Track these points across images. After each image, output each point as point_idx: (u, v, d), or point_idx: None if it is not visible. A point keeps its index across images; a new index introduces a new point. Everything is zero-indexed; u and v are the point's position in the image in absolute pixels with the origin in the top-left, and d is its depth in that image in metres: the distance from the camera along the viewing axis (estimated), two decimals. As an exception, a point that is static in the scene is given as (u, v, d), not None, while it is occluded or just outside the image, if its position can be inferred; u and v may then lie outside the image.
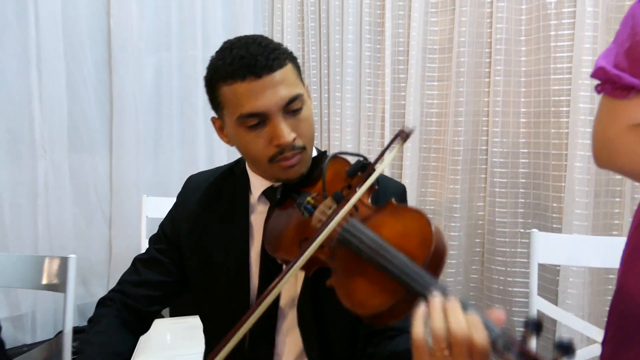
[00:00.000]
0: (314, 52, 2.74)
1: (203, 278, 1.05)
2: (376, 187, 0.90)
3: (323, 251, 0.84)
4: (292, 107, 0.92)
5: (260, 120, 0.91)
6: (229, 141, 1.00)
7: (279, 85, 0.90)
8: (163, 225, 1.12)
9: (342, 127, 2.65)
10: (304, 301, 0.99)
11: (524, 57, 2.12)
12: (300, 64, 2.72)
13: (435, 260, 0.76)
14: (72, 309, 1.22)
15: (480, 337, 0.65)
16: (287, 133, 0.91)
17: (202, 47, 2.69)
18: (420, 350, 0.68)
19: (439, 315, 0.67)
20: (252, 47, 0.91)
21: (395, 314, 0.76)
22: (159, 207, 2.18)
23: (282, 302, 1.01)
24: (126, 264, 1.13)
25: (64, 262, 1.24)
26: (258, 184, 1.03)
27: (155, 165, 2.66)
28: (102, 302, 1.07)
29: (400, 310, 0.75)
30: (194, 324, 2.02)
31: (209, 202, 1.07)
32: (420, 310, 0.69)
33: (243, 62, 0.89)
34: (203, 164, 2.73)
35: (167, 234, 1.10)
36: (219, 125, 1.01)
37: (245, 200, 1.04)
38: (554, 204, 2.04)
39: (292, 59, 0.95)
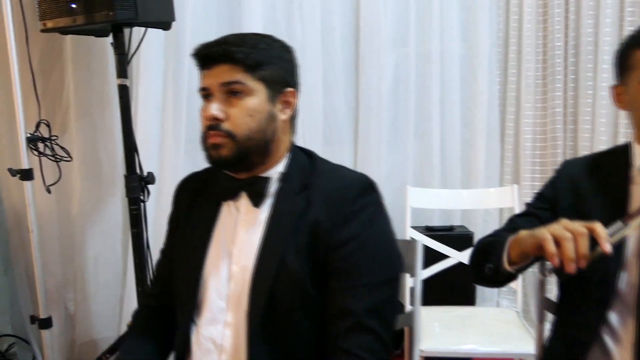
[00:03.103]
0: (558, 39, 2.60)
1: None
2: None
3: None
4: None
5: None
6: (625, 106, 1.15)
7: None
8: (543, 189, 1.27)
9: (593, 119, 2.48)
10: None
11: None
12: (542, 53, 2.63)
13: None
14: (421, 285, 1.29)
15: None
16: None
17: (438, 41, 2.70)
18: None
19: None
20: None
21: None
22: (420, 197, 2.24)
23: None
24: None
25: (413, 244, 1.31)
26: None
27: (393, 157, 2.73)
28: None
29: None
30: (463, 313, 2.08)
31: (589, 174, 1.20)
32: None
33: None
34: (437, 157, 2.74)
35: (546, 195, 1.24)
36: (619, 91, 1.16)
37: (625, 173, 1.15)
38: None
39: None
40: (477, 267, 1.19)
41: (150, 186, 1.87)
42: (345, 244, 0.97)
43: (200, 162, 2.36)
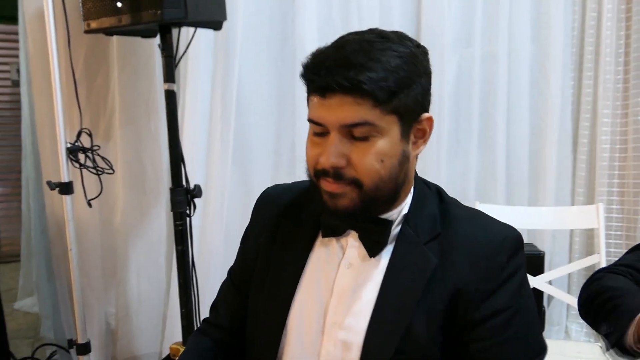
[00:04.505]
0: (645, 39, 2.33)
1: None
2: None
3: None
4: None
5: None
6: None
7: None
8: None
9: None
10: None
11: None
12: (624, 54, 2.37)
13: None
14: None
15: None
16: None
17: (506, 41, 2.47)
18: None
19: None
20: None
21: None
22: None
23: None
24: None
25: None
26: None
27: (453, 167, 2.52)
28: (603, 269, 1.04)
29: None
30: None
31: None
32: None
33: None
34: (502, 168, 2.52)
35: None
36: None
37: None
38: None
39: None
40: (589, 311, 1.00)
41: (196, 199, 1.73)
42: (490, 319, 0.77)
43: (249, 174, 2.20)
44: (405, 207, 0.84)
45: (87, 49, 1.94)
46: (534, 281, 1.88)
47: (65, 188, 1.60)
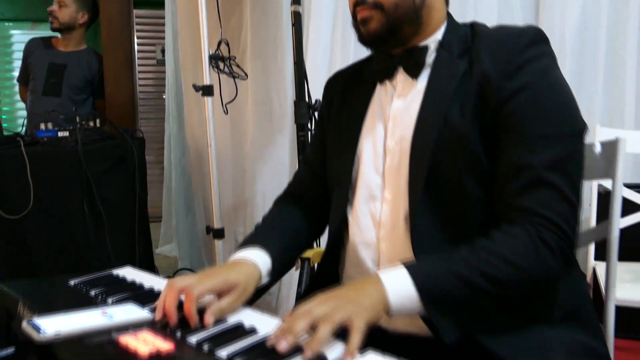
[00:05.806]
0: None
1: None
2: None
3: None
4: None
5: None
6: None
7: None
8: None
9: None
10: None
11: None
12: None
13: None
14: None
15: None
16: None
17: (640, -23, 2.34)
18: None
19: None
20: None
21: None
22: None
23: None
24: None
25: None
26: None
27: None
28: None
29: None
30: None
31: None
32: None
33: None
34: (631, 114, 2.38)
35: None
36: None
37: None
38: None
39: None
40: None
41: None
42: (516, 95, 0.86)
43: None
44: (439, 34, 0.97)
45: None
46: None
47: (208, 90, 1.83)
